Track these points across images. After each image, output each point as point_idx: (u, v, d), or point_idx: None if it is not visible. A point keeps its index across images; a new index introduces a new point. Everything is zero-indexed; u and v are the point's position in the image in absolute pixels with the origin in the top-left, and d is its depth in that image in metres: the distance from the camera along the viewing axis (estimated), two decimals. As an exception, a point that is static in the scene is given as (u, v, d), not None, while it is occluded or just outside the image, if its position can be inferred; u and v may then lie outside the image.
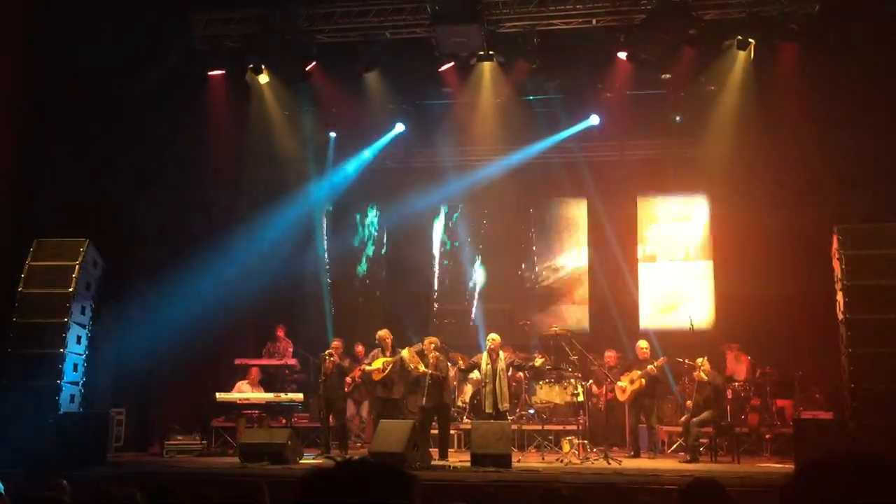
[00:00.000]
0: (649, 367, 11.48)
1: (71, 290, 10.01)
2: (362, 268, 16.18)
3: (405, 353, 11.25)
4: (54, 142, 11.67)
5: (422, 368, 11.00)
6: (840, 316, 9.37)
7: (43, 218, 11.41)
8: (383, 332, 11.79)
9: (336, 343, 11.91)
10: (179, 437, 11.57)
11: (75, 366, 10.18)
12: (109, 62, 11.66)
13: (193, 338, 13.52)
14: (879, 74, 11.37)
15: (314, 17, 12.29)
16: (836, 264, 9.50)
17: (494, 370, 10.99)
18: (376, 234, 16.28)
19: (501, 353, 11.27)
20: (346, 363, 11.85)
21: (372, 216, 16.25)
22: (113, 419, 11.30)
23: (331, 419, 11.63)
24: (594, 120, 14.42)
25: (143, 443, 12.24)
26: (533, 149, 14.82)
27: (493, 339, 11.23)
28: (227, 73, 12.81)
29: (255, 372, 12.73)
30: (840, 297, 9.34)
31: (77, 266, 10.14)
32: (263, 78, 12.91)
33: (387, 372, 11.39)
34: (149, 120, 12.51)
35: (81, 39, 11.44)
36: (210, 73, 12.81)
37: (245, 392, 12.31)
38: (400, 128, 15.02)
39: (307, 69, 12.62)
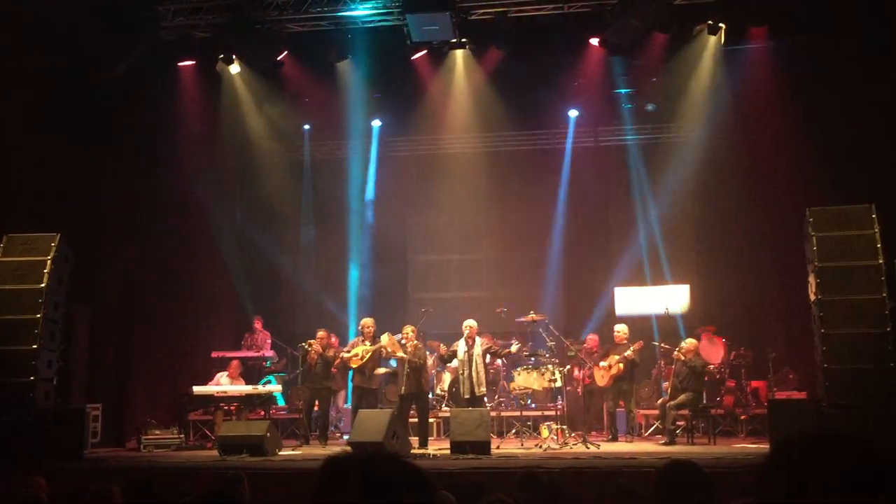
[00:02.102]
0: (627, 352, 11.56)
1: (43, 285, 9.86)
2: (348, 257, 16.12)
3: (384, 338, 11.24)
4: (22, 134, 11.48)
5: (399, 354, 11.01)
6: (812, 297, 9.47)
7: (12, 213, 11.24)
8: (367, 321, 11.76)
9: (321, 333, 11.88)
10: (157, 432, 11.47)
11: (49, 362, 10.05)
12: (77, 53, 11.49)
13: (169, 331, 13.45)
14: (849, 57, 11.47)
15: (284, 5, 12.19)
16: (807, 246, 9.61)
17: (471, 356, 11.04)
18: (354, 222, 16.22)
19: (478, 339, 11.33)
20: (330, 353, 11.81)
21: (348, 204, 16.19)
22: (89, 415, 11.20)
23: (316, 406, 11.67)
24: (573, 113, 14.53)
25: (119, 438, 12.14)
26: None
27: (469, 326, 11.27)
28: (198, 63, 12.68)
29: (235, 364, 12.65)
30: (812, 278, 9.44)
31: (49, 261, 9.99)
32: (234, 68, 12.80)
33: (364, 360, 11.37)
34: (118, 111, 12.36)
35: (49, 29, 11.27)
36: (180, 63, 12.67)
37: (224, 384, 12.25)
38: (377, 123, 15.06)
39: (278, 59, 12.53)
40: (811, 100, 11.96)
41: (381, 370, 12.13)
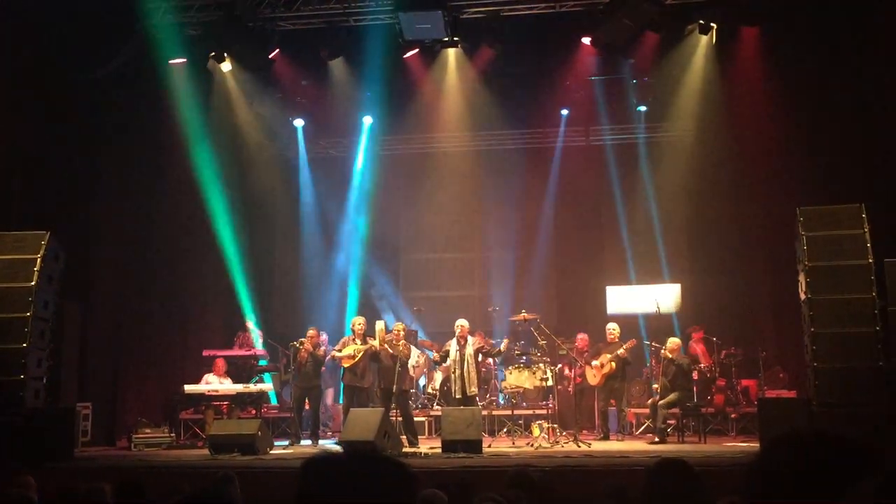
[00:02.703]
0: (619, 350, 11.58)
1: (33, 283, 9.81)
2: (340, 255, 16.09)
3: (379, 325, 11.28)
4: (12, 132, 11.43)
5: (375, 344, 11.06)
6: (802, 296, 9.51)
7: (2, 211, 11.19)
8: (358, 319, 11.78)
9: (311, 332, 11.88)
10: (147, 431, 11.45)
11: (39, 361, 10.01)
12: (67, 51, 11.44)
13: (159, 329, 13.42)
14: (839, 58, 11.52)
15: (276, 3, 12.15)
16: (798, 245, 9.64)
17: (463, 356, 11.07)
18: (346, 221, 16.20)
19: (470, 339, 11.36)
20: (320, 352, 11.82)
21: (341, 202, 16.16)
22: (79, 414, 11.16)
23: (306, 405, 11.66)
24: (564, 111, 14.54)
25: (110, 437, 12.11)
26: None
27: (461, 326, 11.29)
28: (189, 61, 12.63)
29: (220, 363, 12.61)
30: (802, 277, 9.48)
31: (38, 259, 9.94)
32: (226, 66, 12.76)
33: (357, 359, 11.37)
34: (109, 109, 12.31)
35: (38, 27, 11.22)
36: (171, 61, 12.62)
37: (212, 384, 12.21)
38: (368, 121, 15.02)
39: (270, 56, 12.50)
40: (802, 100, 12.00)
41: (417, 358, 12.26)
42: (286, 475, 7.90)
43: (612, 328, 11.98)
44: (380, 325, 11.28)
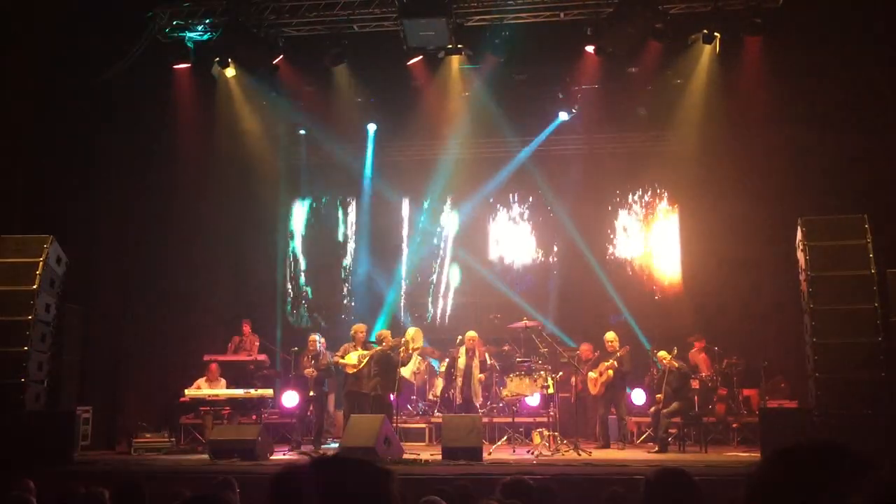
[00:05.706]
0: (612, 359, 11.59)
1: (34, 287, 9.83)
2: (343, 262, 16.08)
3: (411, 331, 11.45)
4: (16, 137, 11.46)
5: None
6: (804, 306, 9.50)
7: (5, 214, 11.21)
8: (359, 326, 11.80)
9: (312, 338, 11.88)
10: (147, 435, 11.44)
11: (40, 364, 10.01)
12: (72, 55, 11.48)
13: (160, 334, 13.41)
14: (842, 69, 11.53)
15: (281, 9, 12.19)
16: (800, 255, 9.63)
17: (469, 366, 11.14)
18: (346, 228, 16.19)
19: (477, 351, 11.47)
20: (323, 359, 11.82)
21: (342, 209, 16.16)
22: (79, 417, 11.14)
23: (310, 411, 11.65)
24: (563, 116, 14.50)
25: (110, 441, 12.09)
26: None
27: (471, 338, 11.38)
28: (193, 66, 12.67)
29: (213, 368, 12.53)
30: (804, 287, 9.47)
31: (40, 263, 9.96)
32: (230, 71, 12.78)
33: (361, 366, 11.37)
34: (113, 114, 12.33)
35: (43, 31, 11.26)
36: (175, 66, 12.65)
37: (203, 389, 12.15)
38: (373, 128, 15.04)
39: (274, 62, 12.52)
40: (804, 110, 12.00)
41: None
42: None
43: (610, 338, 11.98)
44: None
